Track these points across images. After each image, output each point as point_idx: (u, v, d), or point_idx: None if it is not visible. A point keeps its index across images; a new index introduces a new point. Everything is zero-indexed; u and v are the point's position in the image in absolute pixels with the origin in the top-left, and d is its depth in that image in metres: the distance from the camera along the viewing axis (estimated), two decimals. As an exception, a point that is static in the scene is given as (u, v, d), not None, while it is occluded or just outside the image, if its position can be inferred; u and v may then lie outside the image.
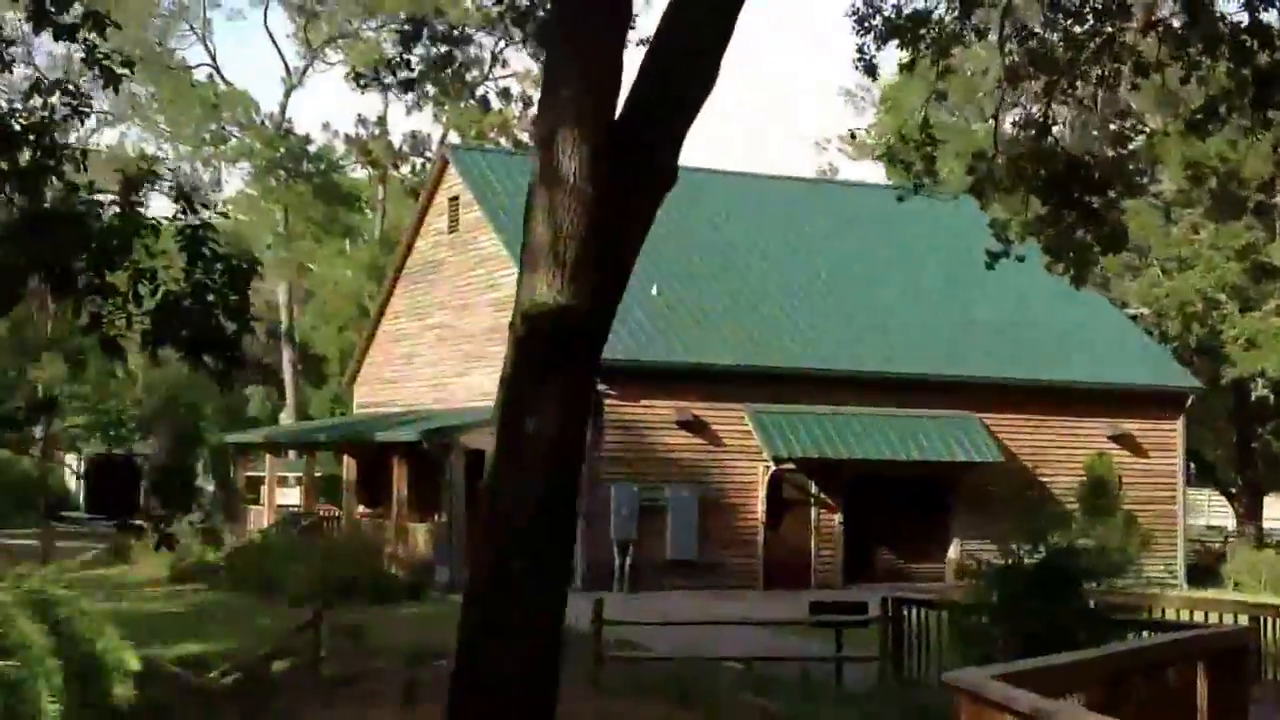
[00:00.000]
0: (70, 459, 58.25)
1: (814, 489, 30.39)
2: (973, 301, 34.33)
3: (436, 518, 30.00)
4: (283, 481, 41.18)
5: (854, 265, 34.47)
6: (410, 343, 35.85)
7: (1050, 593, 14.11)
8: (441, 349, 34.12)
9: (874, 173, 53.56)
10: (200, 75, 57.11)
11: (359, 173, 61.35)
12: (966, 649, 14.47)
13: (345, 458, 34.32)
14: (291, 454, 41.17)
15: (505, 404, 8.73)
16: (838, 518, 30.39)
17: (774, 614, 21.05)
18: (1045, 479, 30.33)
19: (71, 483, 57.44)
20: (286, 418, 55.04)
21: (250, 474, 40.65)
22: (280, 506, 37.38)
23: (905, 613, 17.04)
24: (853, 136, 48.48)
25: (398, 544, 30.28)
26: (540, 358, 8.56)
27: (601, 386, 28.32)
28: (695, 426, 29.28)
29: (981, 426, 31.19)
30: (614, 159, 8.81)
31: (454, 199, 34.02)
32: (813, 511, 30.42)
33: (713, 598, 26.92)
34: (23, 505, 52.75)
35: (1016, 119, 15.83)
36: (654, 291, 30.74)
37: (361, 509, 33.92)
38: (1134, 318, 37.52)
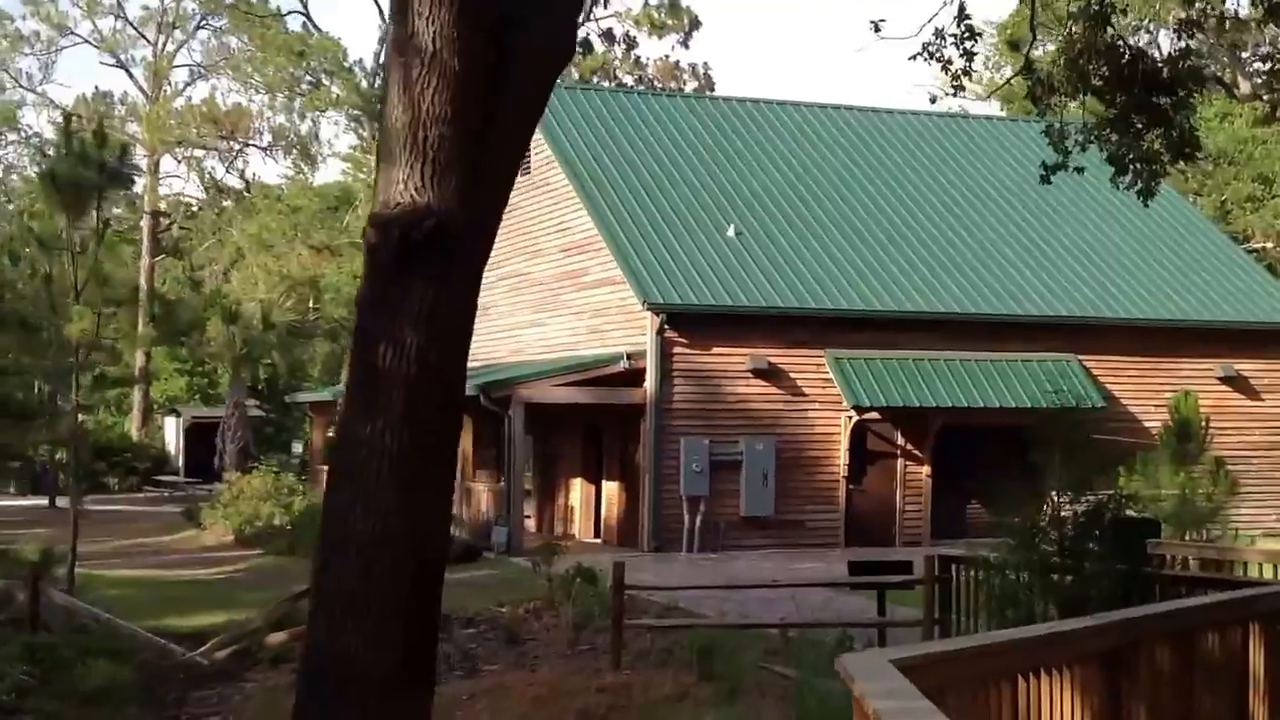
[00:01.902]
0: (169, 422, 58.24)
1: (899, 439, 28.47)
2: (1073, 236, 32.11)
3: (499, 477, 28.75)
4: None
5: (943, 201, 32.35)
6: (485, 293, 34.37)
7: (1092, 548, 12.37)
8: (514, 298, 32.82)
9: (977, 107, 50.93)
10: (294, 24, 56.65)
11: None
12: (1006, 611, 12.74)
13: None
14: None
15: (356, 331, 7.21)
16: (925, 470, 28.44)
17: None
18: (1151, 425, 27.97)
19: (171, 446, 57.41)
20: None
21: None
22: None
23: (953, 572, 15.22)
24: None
25: (462, 504, 29.09)
26: (396, 271, 6.98)
27: (670, 334, 26.81)
28: (771, 375, 27.52)
29: (1082, 370, 28.97)
30: (487, 26, 7.15)
31: (527, 140, 32.52)
32: (898, 464, 28.53)
33: (791, 557, 25.30)
34: (120, 469, 52.84)
35: (1073, 9, 13.78)
36: (731, 232, 29.05)
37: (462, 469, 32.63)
38: (1257, 252, 34.71)
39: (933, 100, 13.63)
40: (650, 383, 26.65)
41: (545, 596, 20.07)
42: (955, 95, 13.63)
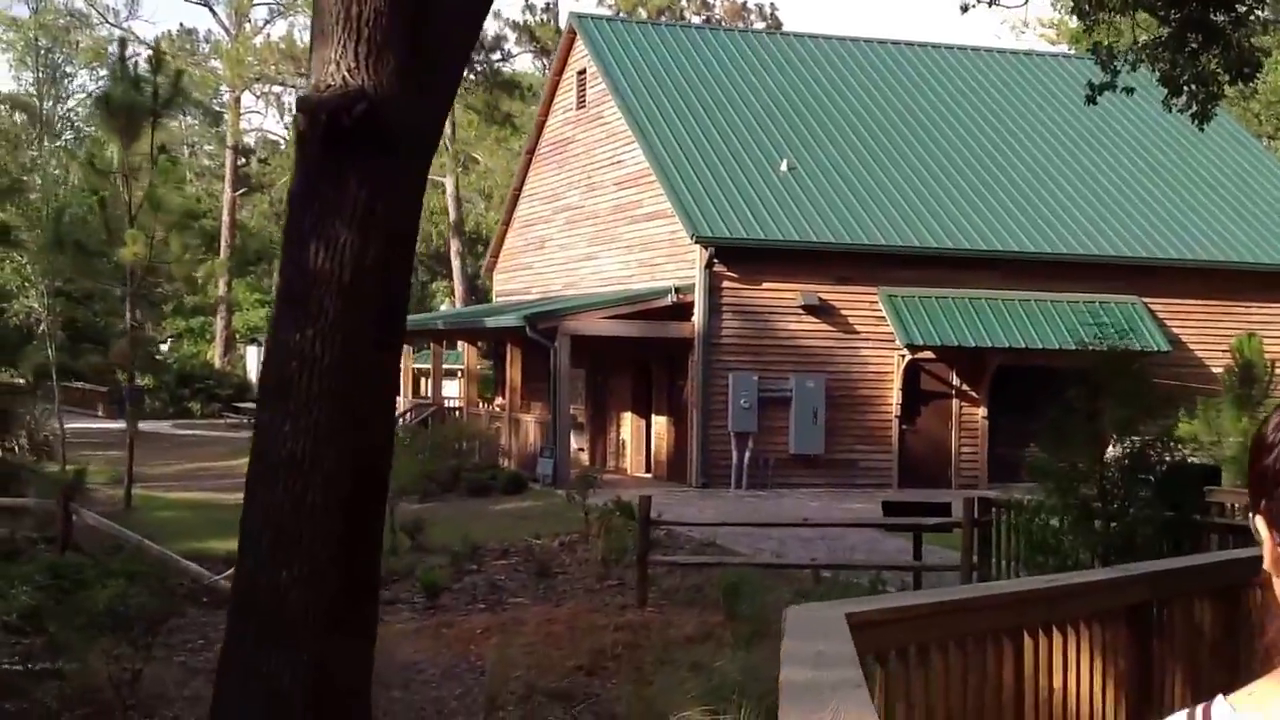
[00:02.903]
0: (251, 350, 58.80)
1: (954, 380, 27.83)
2: (1136, 173, 31.14)
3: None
4: (449, 374, 40.15)
5: (1002, 137, 31.46)
6: (542, 227, 34.21)
7: (1142, 494, 11.76)
8: (570, 232, 32.42)
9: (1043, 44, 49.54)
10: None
11: (526, 63, 59.78)
12: (1041, 559, 12.20)
13: (466, 346, 32.97)
14: (461, 345, 40.09)
15: (286, 229, 6.77)
16: (981, 411, 27.80)
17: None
18: (1217, 370, 27.05)
19: (252, 374, 57.94)
20: (450, 309, 54.36)
21: (417, 366, 39.66)
22: (421, 399, 36.35)
23: (992, 516, 14.68)
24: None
25: (511, 436, 28.85)
26: (326, 162, 6.50)
27: (719, 268, 26.30)
28: (822, 311, 26.95)
29: (1146, 312, 28.14)
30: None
31: (581, 73, 32.08)
32: (953, 404, 27.92)
33: (840, 497, 24.83)
34: (203, 395, 53.67)
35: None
36: (784, 167, 28.41)
37: (500, 401, 32.55)
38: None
39: (964, 10, 12.50)
40: (698, 317, 26.19)
41: (581, 529, 19.79)
42: (990, 6, 12.83)
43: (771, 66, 32.02)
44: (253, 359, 57.81)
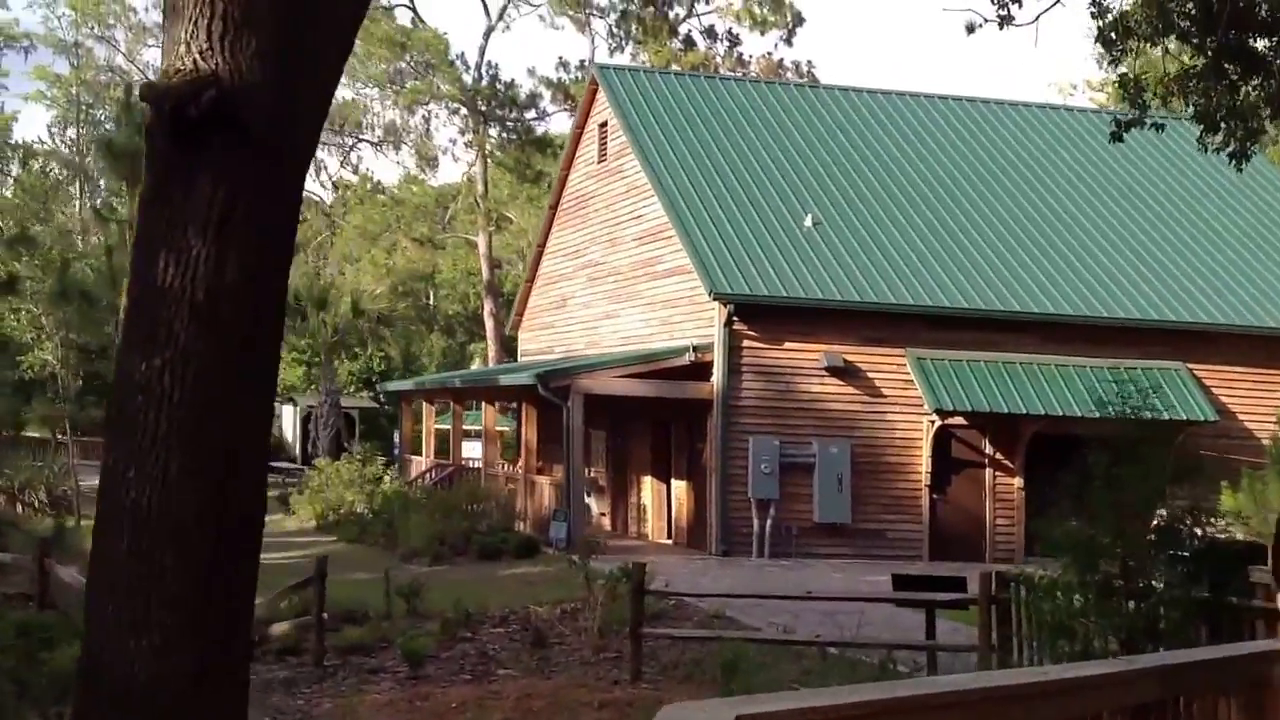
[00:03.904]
0: (286, 410, 58.23)
1: (988, 448, 26.61)
2: (1179, 229, 29.98)
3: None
4: (467, 435, 39.25)
5: (1039, 194, 30.38)
6: (565, 284, 33.34)
7: (1180, 570, 10.58)
8: (592, 289, 31.52)
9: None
10: (404, 19, 56.06)
11: (562, 121, 59.19)
12: (1060, 643, 11.02)
13: (485, 406, 32.06)
14: (486, 408, 39.12)
15: (135, 241, 5.76)
16: (1017, 481, 26.52)
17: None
18: (1269, 441, 25.73)
19: (288, 433, 57.39)
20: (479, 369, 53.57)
21: (437, 425, 38.83)
22: (441, 460, 35.43)
23: (1012, 592, 13.48)
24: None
25: (526, 498, 27.83)
26: (174, 161, 5.47)
27: (739, 326, 25.29)
28: (847, 373, 25.85)
29: (1191, 378, 26.86)
30: None
31: (603, 125, 31.31)
32: (987, 473, 26.66)
33: (867, 568, 23.62)
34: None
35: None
36: (808, 223, 27.44)
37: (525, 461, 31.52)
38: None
39: (970, 30, 11.51)
40: (717, 377, 25.16)
41: (584, 597, 18.70)
42: (1001, 27, 11.76)
43: (798, 118, 31.15)
44: (288, 418, 57.24)
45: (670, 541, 27.46)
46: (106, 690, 5.51)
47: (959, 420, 25.95)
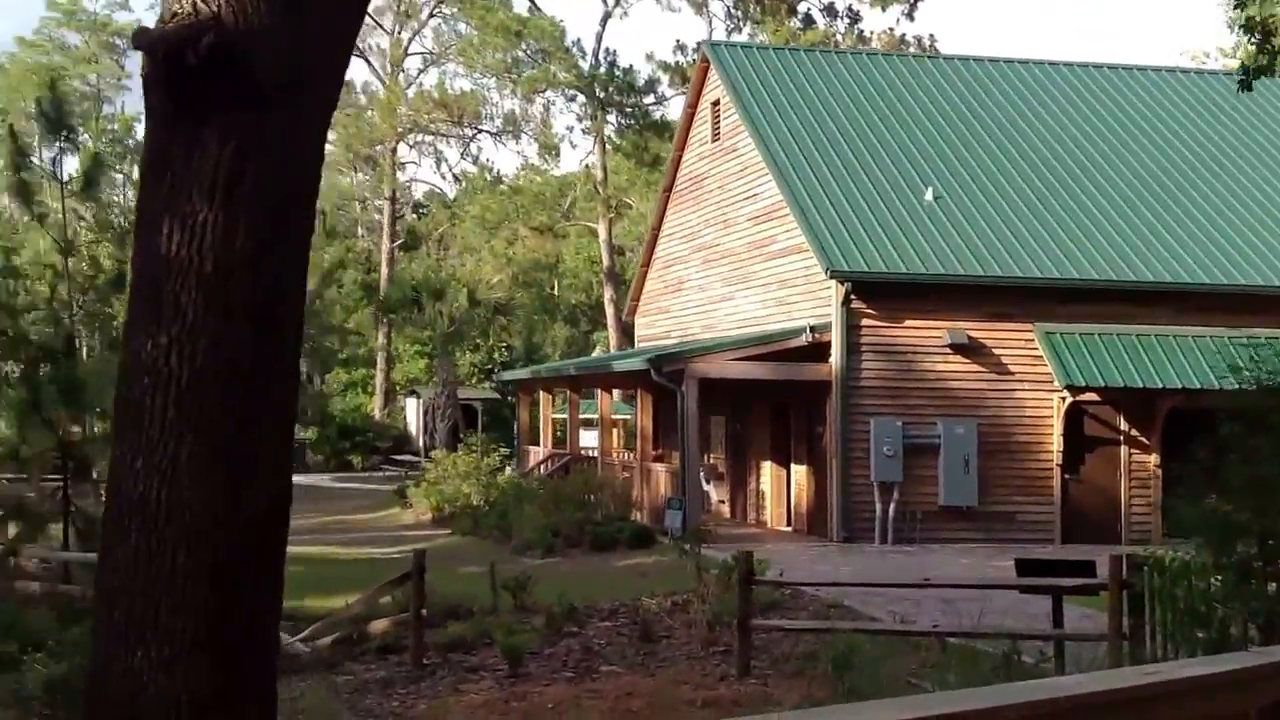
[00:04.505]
0: (410, 403, 58.51)
1: (1122, 424, 25.42)
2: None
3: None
4: (587, 423, 38.86)
5: (1168, 159, 29.03)
6: (680, 267, 32.71)
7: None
8: (707, 271, 30.85)
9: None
10: (520, 7, 55.87)
11: (679, 105, 58.55)
12: (1195, 631, 10.15)
13: (600, 393, 31.55)
14: (616, 394, 38.71)
15: (137, 208, 5.21)
16: (1153, 459, 25.31)
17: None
18: None
19: (411, 426, 57.67)
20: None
21: (555, 415, 38.51)
22: (557, 449, 35.09)
23: (1143, 576, 12.55)
24: None
25: (641, 486, 27.27)
26: (175, 117, 4.92)
27: (857, 304, 24.43)
28: (971, 350, 24.86)
29: (1339, 348, 25.35)
30: None
31: (715, 103, 30.59)
32: (1122, 451, 25.47)
33: (995, 552, 22.67)
34: (363, 448, 53.53)
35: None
36: (929, 196, 26.47)
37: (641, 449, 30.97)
38: None
39: None
40: (835, 357, 24.34)
41: (696, 588, 18.06)
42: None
43: (916, 90, 30.14)
44: (412, 411, 57.53)
45: (790, 528, 26.73)
46: (112, 708, 5.00)
47: (1091, 396, 24.81)
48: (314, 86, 5.13)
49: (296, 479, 23.55)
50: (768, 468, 27.96)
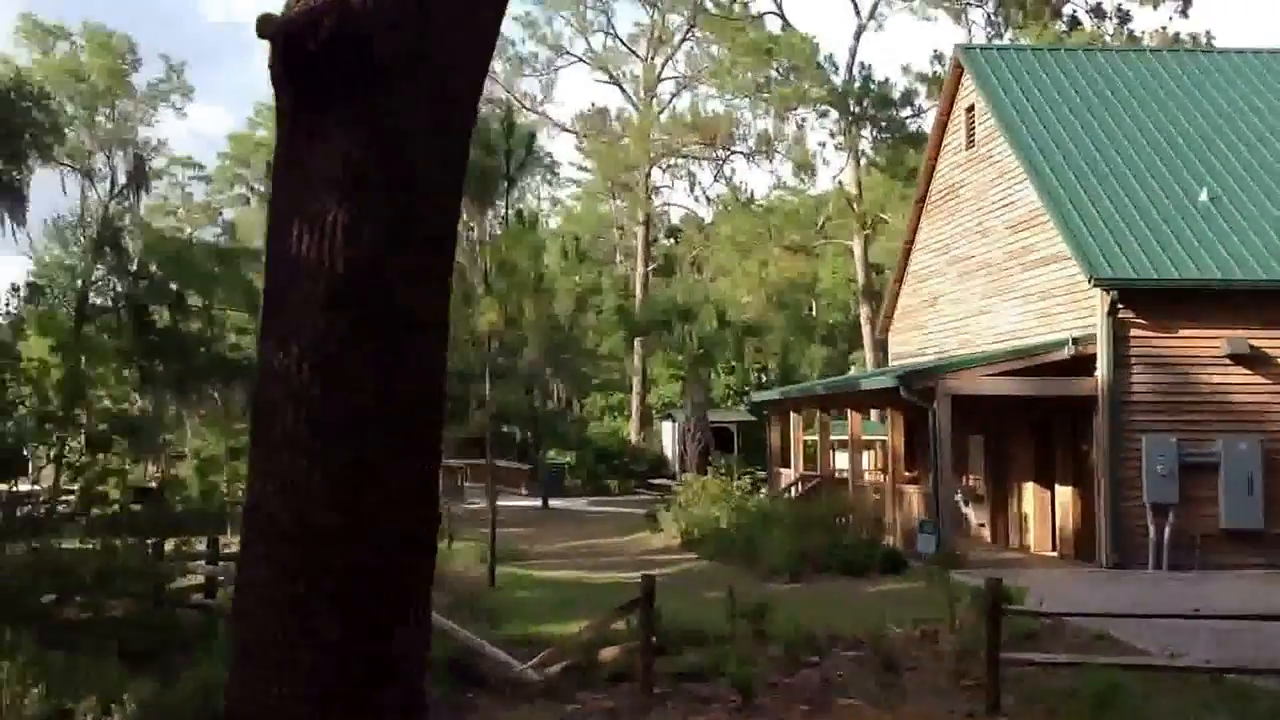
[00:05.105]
0: (666, 426, 58.37)
1: None
2: None
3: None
4: (843, 444, 37.79)
5: None
6: (935, 281, 31.37)
7: None
8: (962, 284, 29.46)
9: None
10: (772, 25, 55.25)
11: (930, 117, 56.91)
12: None
13: (851, 413, 30.43)
14: (874, 415, 37.59)
15: (269, 212, 4.69)
16: None
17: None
18: None
19: (667, 449, 57.50)
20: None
21: (807, 436, 37.59)
22: (807, 470, 34.09)
23: None
24: None
25: (894, 508, 26.06)
26: (303, 109, 4.38)
27: (1125, 314, 22.79)
28: (1253, 360, 22.91)
29: None
30: None
31: (969, 109, 29.23)
32: None
33: (1285, 580, 20.79)
34: (619, 471, 53.58)
35: None
36: (1203, 197, 24.61)
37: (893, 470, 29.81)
38: None
39: None
40: (1101, 371, 22.73)
41: (946, 618, 16.90)
42: None
43: (1187, 86, 28.18)
44: (668, 434, 57.31)
45: (1055, 553, 25.12)
46: None
47: (1393, 410, 22.58)
48: (447, 72, 4.50)
49: (554, 503, 23.37)
50: (1030, 489, 26.40)
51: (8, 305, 51.00)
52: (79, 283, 60.78)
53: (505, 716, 13.77)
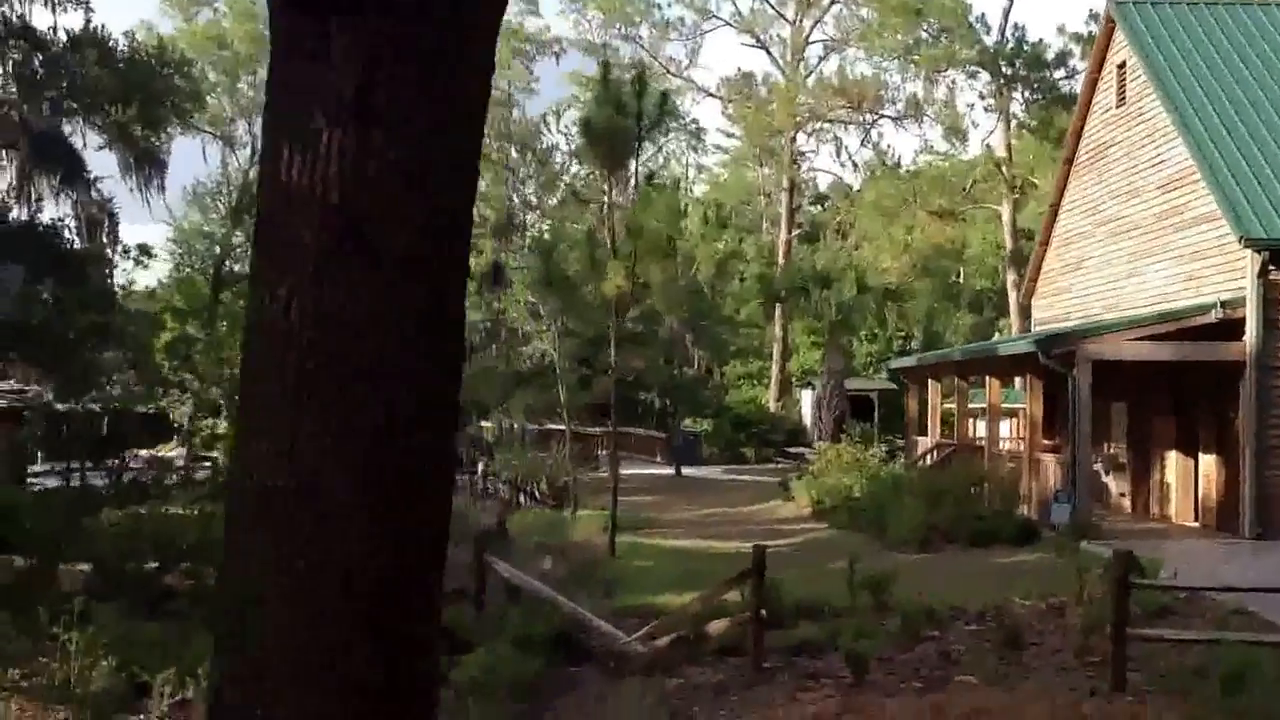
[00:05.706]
0: (805, 395, 57.71)
1: None
2: None
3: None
4: (980, 412, 36.83)
5: None
6: (1082, 243, 30.26)
7: None
8: (1111, 246, 28.35)
9: None
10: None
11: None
12: None
13: (989, 380, 29.53)
14: (1017, 384, 36.57)
15: (262, 134, 4.28)
16: None
17: None
18: None
19: (806, 418, 56.86)
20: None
21: (945, 404, 36.75)
22: (944, 438, 33.28)
23: None
24: None
25: (1030, 478, 25.21)
26: (300, 25, 3.91)
27: (1276, 275, 21.79)
28: None
29: None
30: None
31: (1120, 66, 28.05)
32: None
33: None
34: (757, 439, 53.13)
35: None
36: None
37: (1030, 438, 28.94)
38: None
39: None
40: (1250, 335, 21.66)
41: (1074, 591, 16.19)
42: None
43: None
44: (807, 402, 56.62)
45: (1197, 524, 24.09)
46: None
47: None
48: None
49: (688, 471, 22.94)
50: (1173, 458, 25.34)
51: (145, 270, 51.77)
52: (217, 249, 61.97)
53: (608, 690, 13.46)
